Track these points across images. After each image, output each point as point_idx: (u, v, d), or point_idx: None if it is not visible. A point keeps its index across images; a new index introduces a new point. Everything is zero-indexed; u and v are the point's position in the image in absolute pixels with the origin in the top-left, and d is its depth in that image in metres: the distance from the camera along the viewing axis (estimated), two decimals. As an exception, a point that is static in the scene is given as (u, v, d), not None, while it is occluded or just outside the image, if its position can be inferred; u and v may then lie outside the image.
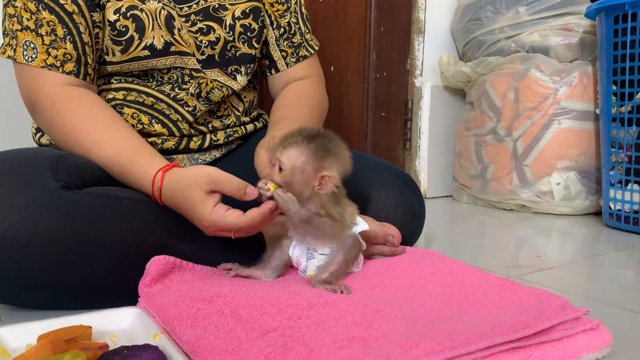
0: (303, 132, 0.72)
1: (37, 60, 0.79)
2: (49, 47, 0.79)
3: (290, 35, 1.04)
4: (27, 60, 0.79)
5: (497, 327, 0.54)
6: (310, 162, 0.69)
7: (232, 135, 1.00)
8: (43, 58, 0.79)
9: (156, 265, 0.69)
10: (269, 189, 0.70)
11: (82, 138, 0.78)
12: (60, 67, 0.80)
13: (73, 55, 0.81)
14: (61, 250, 0.66)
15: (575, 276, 0.99)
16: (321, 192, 0.70)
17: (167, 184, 0.72)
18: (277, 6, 1.02)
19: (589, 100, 1.57)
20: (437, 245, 1.19)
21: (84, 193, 0.71)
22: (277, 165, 0.71)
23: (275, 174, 0.71)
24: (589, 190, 1.59)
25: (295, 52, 1.05)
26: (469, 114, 1.80)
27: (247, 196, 0.68)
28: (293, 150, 0.70)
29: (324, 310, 0.60)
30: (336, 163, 0.71)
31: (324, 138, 0.72)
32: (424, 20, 1.85)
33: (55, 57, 0.79)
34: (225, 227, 0.68)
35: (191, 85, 0.92)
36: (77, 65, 0.81)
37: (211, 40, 0.93)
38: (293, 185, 0.70)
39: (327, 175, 0.70)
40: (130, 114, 0.90)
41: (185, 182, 0.70)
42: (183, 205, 0.71)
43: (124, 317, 0.63)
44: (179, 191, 0.71)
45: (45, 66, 0.79)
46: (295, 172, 0.69)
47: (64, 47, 0.80)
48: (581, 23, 1.58)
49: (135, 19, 0.85)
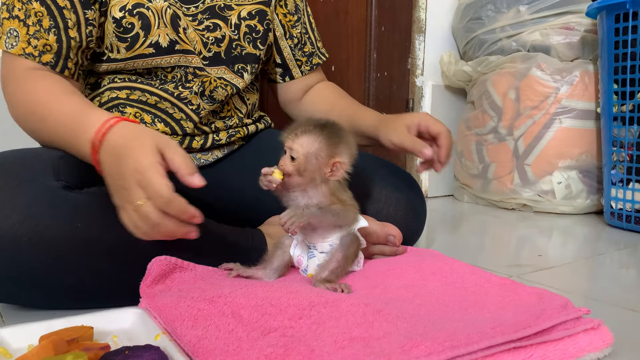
0: (312, 121, 0.74)
1: (16, 48, 0.79)
2: (31, 37, 0.79)
3: (302, 45, 1.08)
4: (7, 47, 0.79)
5: (498, 326, 0.54)
6: (323, 148, 0.72)
7: (234, 136, 1.00)
8: (23, 47, 0.79)
9: (157, 265, 0.69)
10: (276, 179, 0.71)
11: (36, 107, 0.77)
12: (37, 57, 0.79)
13: (53, 47, 0.80)
14: (62, 250, 0.66)
15: (576, 275, 0.99)
16: (332, 179, 0.73)
17: (115, 136, 0.67)
18: (289, 17, 1.05)
19: (590, 99, 1.57)
20: (438, 244, 1.19)
21: (85, 193, 0.71)
22: (287, 154, 0.72)
23: (288, 163, 0.71)
24: (590, 189, 1.59)
25: (309, 61, 1.10)
26: (470, 113, 1.80)
27: (192, 180, 0.64)
28: (306, 138, 0.72)
29: (324, 310, 0.60)
30: (347, 150, 0.74)
31: (333, 126, 0.74)
32: (424, 19, 1.85)
33: (35, 47, 0.79)
34: (155, 191, 0.61)
35: (195, 84, 0.92)
36: (56, 57, 0.80)
37: (217, 38, 0.94)
38: (306, 173, 0.71)
39: (339, 162, 0.72)
40: (133, 113, 0.90)
41: (134, 134, 0.65)
42: (125, 154, 0.64)
43: (125, 317, 0.63)
44: (127, 142, 0.65)
45: (22, 54, 0.78)
46: (309, 158, 0.71)
47: (46, 39, 0.79)
48: (582, 22, 1.58)
49: (141, 17, 0.85)
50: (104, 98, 0.91)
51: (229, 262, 0.76)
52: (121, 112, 0.90)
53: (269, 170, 0.72)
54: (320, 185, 0.73)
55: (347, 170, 0.74)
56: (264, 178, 0.72)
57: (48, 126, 0.76)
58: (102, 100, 0.91)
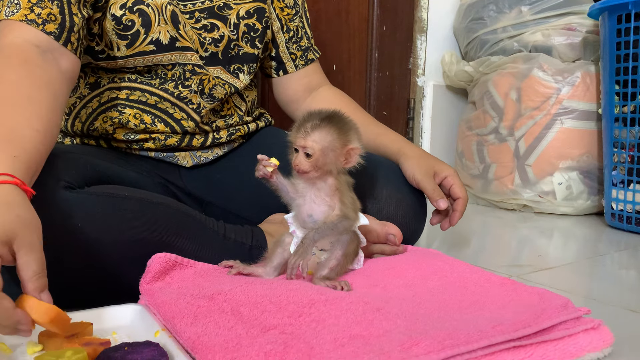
0: (317, 115, 0.74)
1: (18, 15, 0.73)
2: (34, 5, 0.75)
3: (298, 39, 1.08)
4: (7, 15, 0.74)
5: (498, 326, 0.54)
6: (337, 139, 0.72)
7: (234, 134, 1.00)
8: (25, 13, 0.74)
9: (157, 262, 0.69)
10: (272, 167, 0.73)
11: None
12: (41, 25, 0.74)
13: (57, 18, 0.76)
14: (62, 248, 0.66)
15: (576, 276, 0.99)
16: (347, 167, 0.74)
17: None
18: (286, 10, 1.05)
19: (592, 100, 1.57)
20: (439, 244, 1.19)
21: (86, 192, 0.71)
22: (301, 153, 0.72)
23: (303, 161, 0.72)
24: (591, 190, 1.59)
25: (304, 55, 1.09)
26: (471, 113, 1.79)
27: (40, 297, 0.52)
28: (318, 133, 0.72)
29: (324, 308, 0.60)
30: (356, 135, 0.75)
31: (337, 115, 0.75)
32: (426, 19, 1.85)
33: (38, 15, 0.75)
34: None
35: (193, 82, 0.92)
36: (60, 28, 0.76)
37: (215, 38, 0.93)
38: (324, 166, 0.72)
39: (352, 148, 0.73)
40: (133, 114, 0.90)
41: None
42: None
43: (125, 314, 0.63)
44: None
45: (24, 20, 0.73)
46: (325, 152, 0.72)
47: (50, 8, 0.75)
48: (584, 23, 1.58)
49: (141, 14, 0.85)
50: (103, 98, 0.90)
51: (229, 260, 0.76)
52: (120, 113, 0.90)
53: (264, 156, 0.73)
54: (329, 178, 0.74)
55: (361, 154, 0.75)
56: (259, 165, 0.73)
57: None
58: (101, 100, 0.90)
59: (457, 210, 0.94)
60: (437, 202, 0.92)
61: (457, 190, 0.94)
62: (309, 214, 0.74)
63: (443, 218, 0.97)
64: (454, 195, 0.95)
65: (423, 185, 0.94)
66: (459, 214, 0.94)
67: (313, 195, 0.74)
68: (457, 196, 0.94)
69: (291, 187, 0.75)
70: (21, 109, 0.64)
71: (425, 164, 0.96)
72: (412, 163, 0.96)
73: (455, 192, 0.94)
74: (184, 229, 0.75)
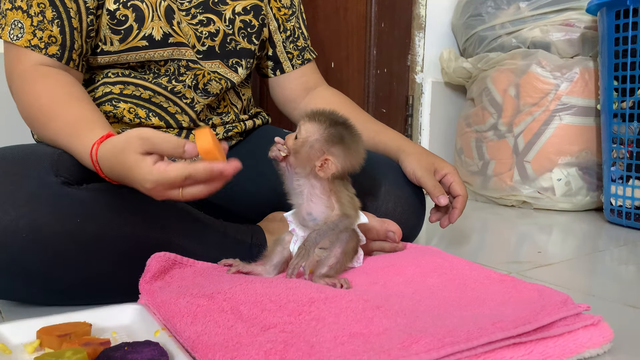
0: (333, 115, 0.74)
1: (22, 40, 0.79)
2: (35, 29, 0.79)
3: (295, 39, 1.08)
4: (12, 39, 0.79)
5: (498, 322, 0.54)
6: (320, 141, 0.72)
7: (231, 131, 1.00)
8: (28, 38, 0.79)
9: (157, 261, 0.69)
10: (285, 153, 0.74)
11: (37, 114, 0.77)
12: (43, 49, 0.79)
13: (58, 39, 0.80)
14: (61, 245, 0.66)
15: (576, 272, 0.99)
16: (320, 174, 0.72)
17: (103, 155, 0.66)
18: (283, 10, 1.05)
19: (590, 96, 1.57)
20: (438, 241, 1.19)
21: (85, 189, 0.71)
22: (296, 132, 0.74)
23: (291, 138, 0.73)
24: (590, 186, 1.59)
25: (301, 55, 1.09)
26: (469, 110, 1.79)
27: (187, 154, 0.62)
28: (313, 125, 0.73)
29: (324, 306, 0.60)
30: (344, 154, 0.73)
31: (346, 129, 0.74)
32: (424, 16, 1.85)
33: (40, 39, 0.79)
34: (170, 183, 0.61)
35: (187, 77, 0.92)
36: (62, 49, 0.81)
37: (211, 32, 0.94)
38: (298, 156, 0.73)
39: (329, 160, 0.72)
40: (127, 108, 0.90)
41: (120, 147, 0.64)
42: (124, 173, 0.64)
43: (124, 313, 0.63)
44: (115, 159, 0.65)
45: (29, 46, 0.79)
46: (305, 144, 0.72)
47: (50, 30, 0.79)
48: (582, 18, 1.57)
49: (135, 9, 0.85)
50: (97, 93, 0.90)
51: (228, 258, 0.76)
52: (114, 107, 0.90)
53: (282, 139, 0.74)
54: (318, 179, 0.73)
55: (335, 173, 0.72)
56: (275, 146, 0.74)
57: (49, 133, 0.76)
58: (96, 96, 0.90)
59: (457, 208, 0.94)
60: (438, 199, 0.92)
61: (457, 188, 0.94)
62: (308, 212, 0.74)
63: (442, 215, 0.97)
64: (453, 192, 0.95)
65: (424, 181, 0.94)
66: (459, 211, 0.94)
67: (309, 193, 0.74)
68: (457, 194, 0.94)
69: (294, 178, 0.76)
70: (77, 102, 0.76)
71: (425, 161, 0.96)
72: (413, 160, 0.96)
73: (455, 190, 0.94)
74: (184, 227, 0.75)
